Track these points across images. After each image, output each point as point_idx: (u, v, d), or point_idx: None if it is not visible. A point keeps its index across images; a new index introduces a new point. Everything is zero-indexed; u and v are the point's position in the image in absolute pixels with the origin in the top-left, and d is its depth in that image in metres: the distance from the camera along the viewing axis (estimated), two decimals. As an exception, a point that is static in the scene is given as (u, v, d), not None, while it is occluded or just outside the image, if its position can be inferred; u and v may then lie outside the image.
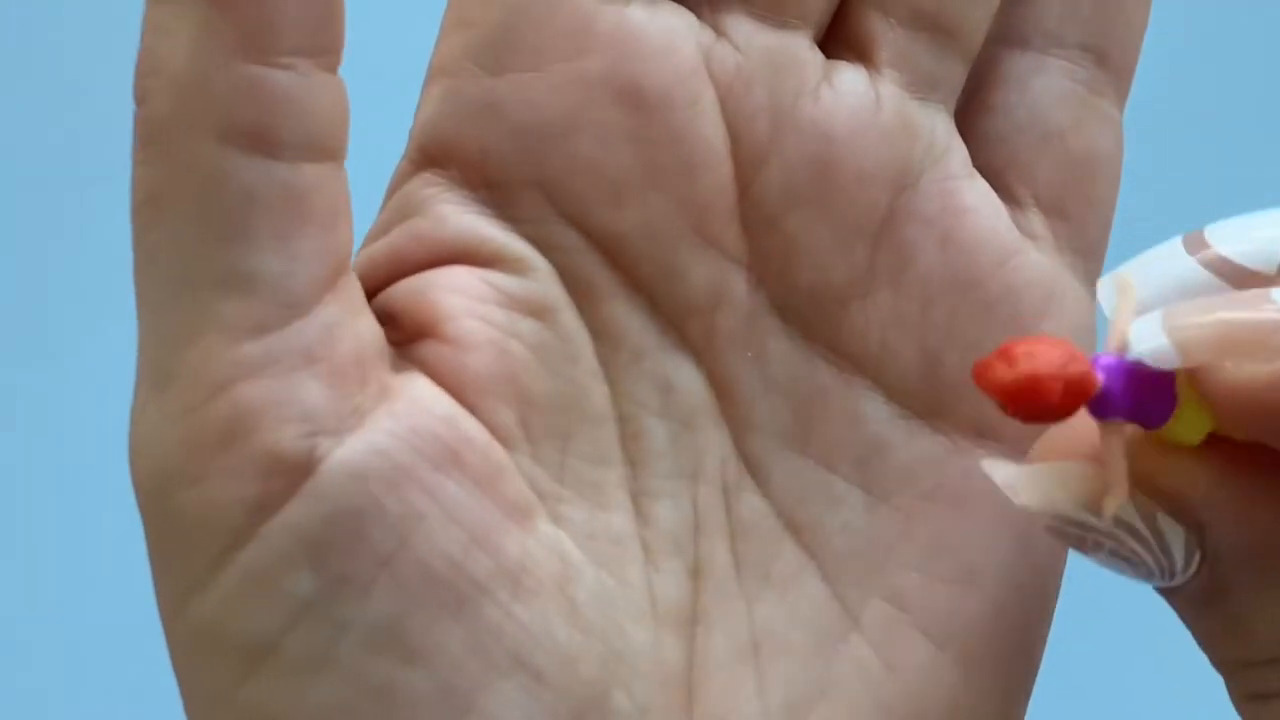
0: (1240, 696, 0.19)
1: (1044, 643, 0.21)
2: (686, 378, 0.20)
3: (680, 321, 0.20)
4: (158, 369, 0.18)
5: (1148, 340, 0.17)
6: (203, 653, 0.18)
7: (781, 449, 0.21)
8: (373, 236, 0.20)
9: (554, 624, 0.18)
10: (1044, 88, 0.21)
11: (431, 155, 0.19)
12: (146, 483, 0.18)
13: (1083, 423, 0.18)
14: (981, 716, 0.21)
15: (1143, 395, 0.18)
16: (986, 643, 0.21)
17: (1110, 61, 0.21)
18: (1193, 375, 0.18)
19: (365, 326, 0.18)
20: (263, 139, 0.17)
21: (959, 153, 0.21)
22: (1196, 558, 0.18)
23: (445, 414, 0.18)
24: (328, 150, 0.18)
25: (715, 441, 0.20)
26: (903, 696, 0.20)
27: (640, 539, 0.20)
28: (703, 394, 0.20)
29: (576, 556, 0.19)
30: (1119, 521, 0.18)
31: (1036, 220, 0.21)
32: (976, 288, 0.21)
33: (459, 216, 0.19)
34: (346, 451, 0.17)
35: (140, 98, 0.17)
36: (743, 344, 0.20)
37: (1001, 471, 0.19)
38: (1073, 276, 0.21)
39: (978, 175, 0.21)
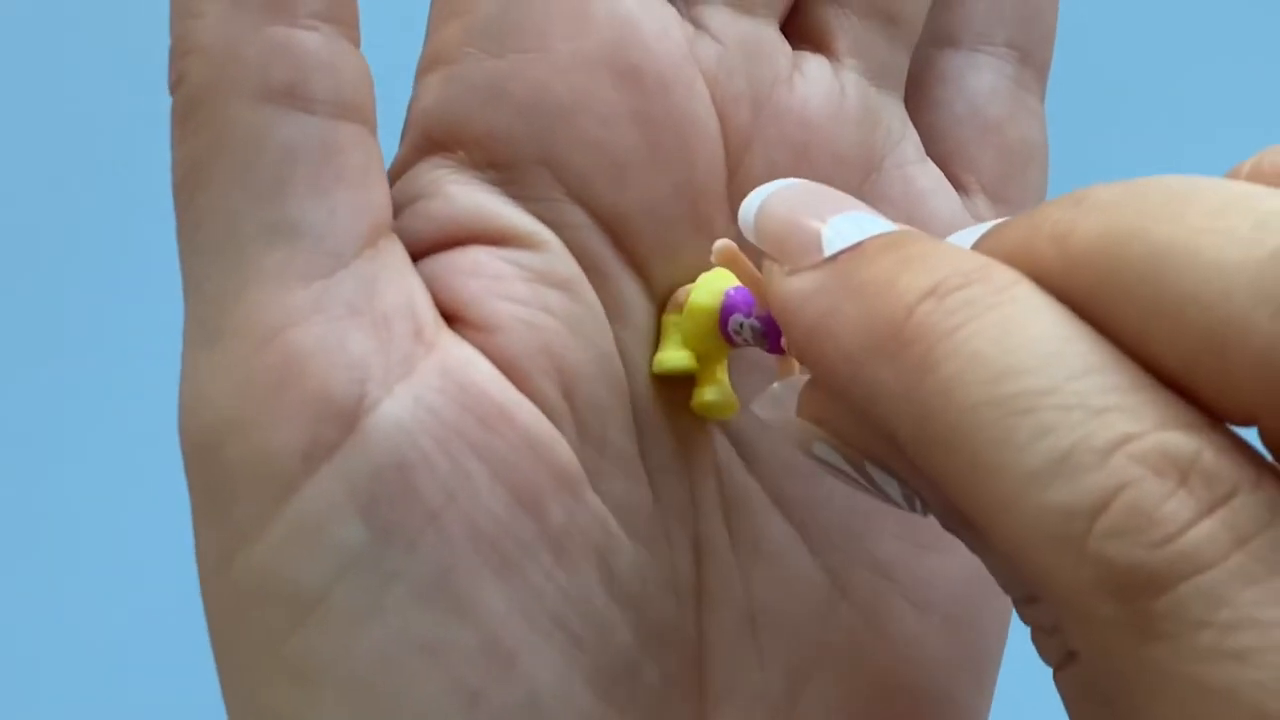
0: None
1: (1010, 604, 0.22)
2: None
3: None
4: (207, 328, 0.18)
5: (744, 210, 0.18)
6: (249, 606, 0.18)
7: (764, 427, 0.21)
8: None
9: (593, 592, 0.19)
10: (979, 83, 0.22)
11: (436, 140, 0.20)
12: (197, 438, 0.18)
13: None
14: (963, 675, 0.21)
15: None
16: (965, 605, 0.21)
17: (1032, 58, 0.23)
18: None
19: (412, 284, 0.19)
20: (297, 94, 0.18)
21: (913, 138, 0.22)
22: (917, 500, 0.18)
23: (495, 376, 0.19)
24: (358, 111, 0.19)
25: (707, 422, 0.21)
26: (891, 661, 0.21)
27: (659, 513, 0.20)
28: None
29: (616, 528, 0.19)
30: (828, 462, 0.18)
31: (983, 205, 0.22)
32: None
33: (469, 195, 0.20)
34: (395, 404, 0.18)
35: (176, 81, 0.18)
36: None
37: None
38: None
39: (929, 160, 0.22)
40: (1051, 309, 0.15)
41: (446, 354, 0.18)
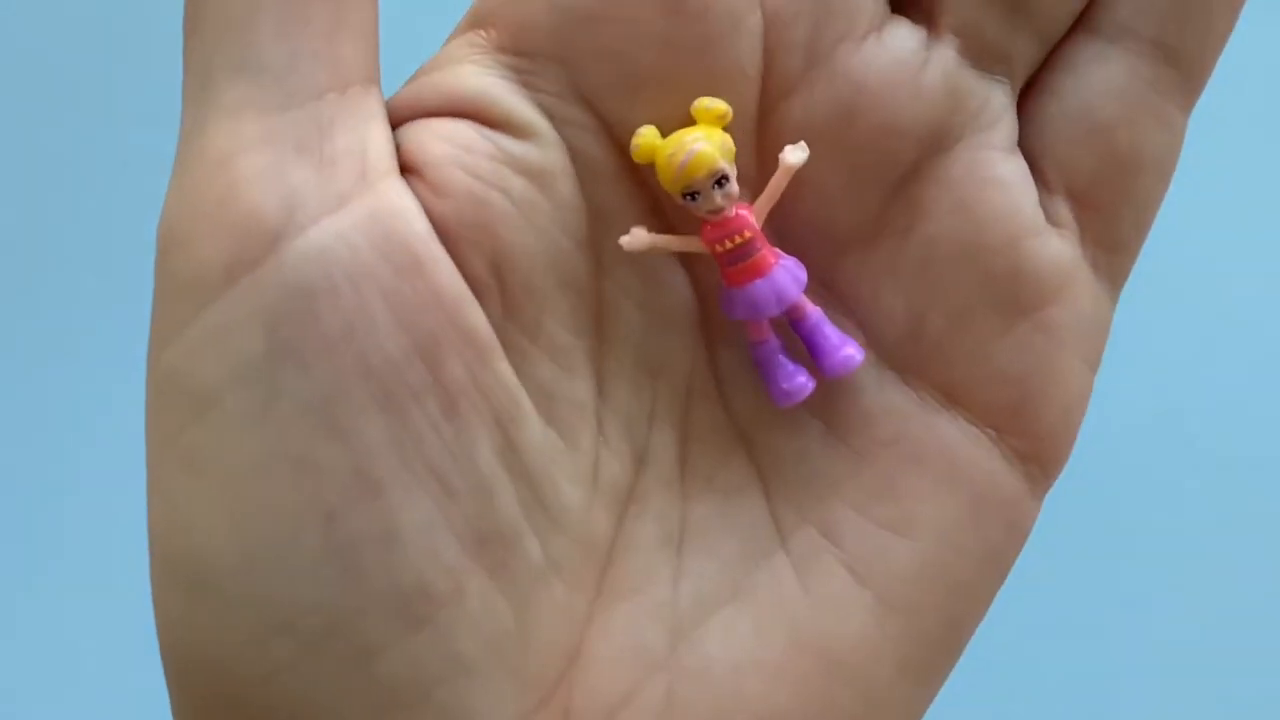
0: None
1: (978, 612, 0.21)
2: (675, 279, 0.21)
3: (677, 227, 0.21)
4: (180, 158, 0.20)
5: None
6: (163, 398, 0.19)
7: (751, 369, 0.21)
8: (409, 82, 0.21)
9: (480, 453, 0.19)
10: (1103, 79, 0.21)
11: (479, 17, 0.21)
12: (157, 249, 0.20)
13: None
14: (885, 661, 0.21)
15: None
16: (908, 594, 0.21)
17: (1182, 62, 0.21)
18: None
19: (372, 133, 0.20)
20: None
21: (1006, 127, 0.21)
22: None
23: (424, 231, 0.20)
24: None
25: (688, 346, 0.21)
26: (811, 620, 0.21)
27: (596, 411, 0.21)
28: (688, 298, 0.21)
29: (528, 406, 0.20)
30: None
31: (1062, 207, 0.21)
32: (980, 259, 0.21)
33: (479, 76, 0.20)
34: (319, 234, 0.19)
35: None
36: None
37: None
38: (1089, 269, 0.21)
39: (1017, 152, 0.21)
40: None
41: (382, 201, 0.19)
